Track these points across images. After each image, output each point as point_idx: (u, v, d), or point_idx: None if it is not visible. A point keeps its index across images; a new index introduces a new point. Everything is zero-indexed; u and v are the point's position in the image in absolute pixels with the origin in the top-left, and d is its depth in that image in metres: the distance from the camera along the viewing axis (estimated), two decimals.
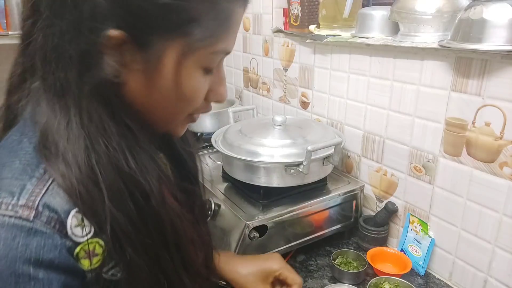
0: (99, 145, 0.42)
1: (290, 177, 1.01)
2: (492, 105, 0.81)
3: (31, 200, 0.39)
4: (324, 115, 1.29)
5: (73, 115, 0.42)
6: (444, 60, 0.88)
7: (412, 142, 1.00)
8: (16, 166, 0.42)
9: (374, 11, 1.04)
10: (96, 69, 0.42)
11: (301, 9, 1.25)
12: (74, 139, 0.41)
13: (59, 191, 0.41)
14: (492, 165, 0.84)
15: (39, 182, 0.41)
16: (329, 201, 1.07)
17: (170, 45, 0.43)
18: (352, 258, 1.04)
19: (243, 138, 1.06)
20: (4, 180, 0.41)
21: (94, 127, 0.42)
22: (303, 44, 1.32)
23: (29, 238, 0.38)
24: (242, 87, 1.76)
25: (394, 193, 1.09)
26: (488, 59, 0.80)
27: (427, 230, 1.00)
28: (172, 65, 0.44)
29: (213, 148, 1.13)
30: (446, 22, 0.89)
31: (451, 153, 0.91)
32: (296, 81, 1.39)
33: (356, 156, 1.19)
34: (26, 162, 0.42)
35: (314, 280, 1.00)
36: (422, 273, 1.01)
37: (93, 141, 0.42)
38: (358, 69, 1.12)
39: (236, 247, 0.94)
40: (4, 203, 0.39)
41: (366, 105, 1.12)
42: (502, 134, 0.80)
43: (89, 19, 0.40)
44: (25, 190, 0.40)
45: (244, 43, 1.67)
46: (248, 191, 1.06)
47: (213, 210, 1.07)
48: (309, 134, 1.07)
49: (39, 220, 0.39)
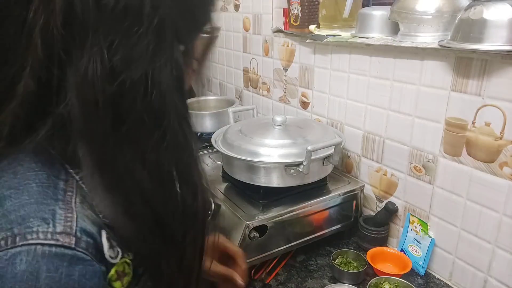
0: None
1: (290, 177, 1.01)
2: (492, 105, 0.81)
3: (68, 226, 0.36)
4: (324, 115, 1.29)
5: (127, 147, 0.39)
6: (444, 60, 0.88)
7: (412, 142, 1.00)
8: (34, 190, 0.37)
9: (374, 11, 1.05)
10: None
11: (301, 9, 1.25)
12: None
13: (85, 212, 0.38)
14: (492, 165, 0.84)
15: (67, 206, 0.37)
16: (329, 201, 1.07)
17: None
18: (352, 258, 1.04)
19: (243, 138, 1.06)
20: (27, 206, 0.35)
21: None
22: (303, 44, 1.32)
23: (71, 268, 0.35)
24: (242, 87, 1.76)
25: (394, 193, 1.09)
26: (488, 59, 0.80)
27: (427, 230, 1.00)
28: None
29: (213, 148, 1.13)
30: (446, 22, 0.89)
31: (451, 153, 0.91)
32: (296, 81, 1.39)
33: (356, 156, 1.19)
34: (41, 184, 0.38)
35: (314, 280, 1.00)
36: (422, 273, 1.01)
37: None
38: (358, 69, 1.12)
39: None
40: (41, 232, 0.34)
41: (366, 105, 1.12)
42: (502, 134, 0.80)
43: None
44: (57, 215, 0.36)
45: (244, 43, 1.67)
46: (248, 191, 1.06)
47: (213, 210, 1.07)
48: (309, 134, 1.07)
49: (79, 247, 0.36)
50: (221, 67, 1.92)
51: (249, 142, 1.04)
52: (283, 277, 1.01)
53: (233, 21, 1.72)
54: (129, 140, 0.38)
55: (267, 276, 1.00)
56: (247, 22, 1.61)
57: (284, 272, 1.03)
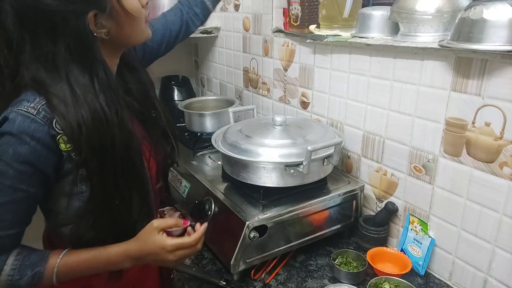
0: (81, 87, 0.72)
1: (290, 177, 1.01)
2: (492, 105, 0.81)
3: (38, 104, 0.69)
4: (324, 115, 1.29)
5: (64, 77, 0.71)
6: (444, 60, 0.88)
7: (412, 142, 1.00)
8: (29, 95, 0.71)
9: (374, 11, 1.04)
10: (91, 41, 0.72)
11: (301, 9, 1.25)
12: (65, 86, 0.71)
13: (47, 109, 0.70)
14: (492, 165, 0.84)
15: (42, 100, 0.69)
16: (329, 201, 1.07)
17: None
18: (352, 258, 1.04)
19: (243, 138, 1.06)
20: (25, 96, 0.71)
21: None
22: (303, 44, 1.32)
23: (31, 123, 0.68)
24: (242, 87, 1.76)
25: (394, 193, 1.09)
26: (488, 59, 0.80)
27: (427, 230, 1.00)
28: (118, 5, 0.73)
29: (213, 148, 1.14)
30: (446, 22, 0.89)
31: (451, 153, 0.91)
32: (296, 81, 1.39)
33: (356, 156, 1.19)
34: (32, 94, 0.71)
35: (314, 280, 1.00)
36: (422, 273, 1.01)
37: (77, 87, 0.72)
38: (358, 69, 1.12)
39: (236, 247, 0.95)
40: (23, 105, 0.68)
41: (366, 105, 1.12)
42: (502, 134, 0.81)
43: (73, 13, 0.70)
44: (36, 100, 0.69)
45: (244, 43, 1.67)
46: (248, 191, 1.06)
47: (213, 210, 1.07)
48: (309, 134, 1.07)
49: (38, 116, 0.68)
50: (221, 67, 1.92)
51: (249, 142, 1.04)
52: (283, 277, 1.01)
53: (233, 21, 1.72)
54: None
55: (267, 276, 1.00)
56: (247, 22, 1.61)
57: (284, 272, 1.03)
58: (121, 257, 0.78)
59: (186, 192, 1.23)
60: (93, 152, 0.71)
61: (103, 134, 0.72)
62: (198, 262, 1.07)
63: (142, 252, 0.78)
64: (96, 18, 0.71)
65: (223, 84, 1.93)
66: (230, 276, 0.99)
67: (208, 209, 1.07)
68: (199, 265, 1.06)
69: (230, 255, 0.96)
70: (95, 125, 0.71)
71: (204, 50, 2.05)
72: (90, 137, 0.70)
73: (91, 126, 0.70)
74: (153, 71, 0.99)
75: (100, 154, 0.72)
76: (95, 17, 0.71)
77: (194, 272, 1.00)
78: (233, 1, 1.67)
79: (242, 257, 0.96)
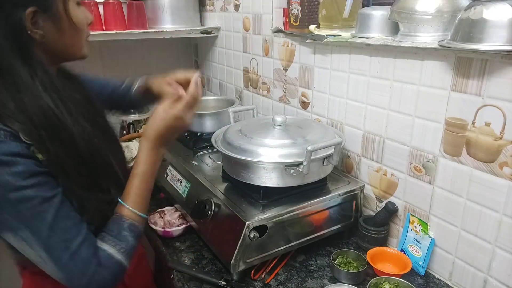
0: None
1: (290, 177, 1.01)
2: (492, 105, 0.81)
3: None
4: (324, 115, 1.29)
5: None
6: (444, 60, 0.88)
7: (412, 142, 1.00)
8: None
9: (374, 11, 1.04)
10: (26, 38, 0.68)
11: (301, 9, 1.25)
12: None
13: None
14: (492, 165, 0.84)
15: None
16: (329, 201, 1.07)
17: (59, 0, 0.71)
18: (352, 258, 1.04)
19: (243, 138, 1.06)
20: None
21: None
22: (303, 44, 1.32)
23: (2, 144, 0.64)
24: (242, 87, 1.76)
25: (394, 193, 1.09)
26: (488, 59, 0.80)
27: (427, 230, 1.00)
28: (64, 11, 0.72)
29: (213, 148, 1.14)
30: (446, 22, 0.89)
31: (451, 153, 0.91)
32: (296, 81, 1.39)
33: (356, 156, 1.19)
34: None
35: (314, 280, 1.00)
36: (422, 273, 1.01)
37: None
38: (358, 69, 1.12)
39: (236, 247, 0.95)
40: None
41: (366, 105, 1.12)
42: (502, 134, 0.81)
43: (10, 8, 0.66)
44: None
45: (244, 43, 1.67)
46: (248, 191, 1.06)
47: (213, 210, 1.07)
48: (309, 134, 1.07)
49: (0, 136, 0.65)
50: (221, 67, 1.92)
51: (249, 142, 1.04)
52: (283, 277, 1.01)
53: (233, 21, 1.72)
54: None
55: (267, 276, 1.00)
56: (247, 22, 1.61)
57: (284, 272, 1.03)
58: (151, 150, 0.81)
59: (186, 192, 1.23)
60: (59, 150, 0.69)
61: (62, 130, 0.70)
62: (198, 262, 1.07)
63: (155, 129, 0.81)
64: (34, 15, 0.68)
65: (223, 84, 1.93)
66: (230, 276, 0.99)
67: (208, 209, 1.07)
68: (199, 265, 1.06)
69: (230, 255, 0.96)
70: (50, 124, 0.69)
71: (204, 50, 2.05)
72: (50, 136, 0.68)
73: (47, 125, 0.68)
74: (153, 71, 0.99)
75: (65, 151, 0.70)
76: (34, 14, 0.68)
77: (194, 272, 1.00)
78: (233, 1, 1.67)
79: (242, 257, 0.96)
